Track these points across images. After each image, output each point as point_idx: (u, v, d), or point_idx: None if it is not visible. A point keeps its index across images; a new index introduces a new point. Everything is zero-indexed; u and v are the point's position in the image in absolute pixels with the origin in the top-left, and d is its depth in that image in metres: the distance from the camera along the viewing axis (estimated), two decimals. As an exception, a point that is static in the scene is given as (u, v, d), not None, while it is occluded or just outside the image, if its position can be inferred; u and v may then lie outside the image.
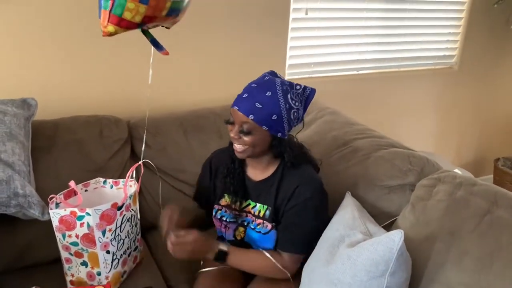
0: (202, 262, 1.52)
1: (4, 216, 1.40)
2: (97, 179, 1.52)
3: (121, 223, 1.37)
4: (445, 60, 2.95)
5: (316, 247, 1.33)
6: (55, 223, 1.32)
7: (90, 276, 1.37)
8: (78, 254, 1.34)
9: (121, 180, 1.52)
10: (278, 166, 1.37)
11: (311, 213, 1.32)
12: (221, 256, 1.32)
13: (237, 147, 1.30)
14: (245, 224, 1.42)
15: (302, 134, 1.90)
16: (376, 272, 1.10)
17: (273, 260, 1.32)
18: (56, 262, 1.54)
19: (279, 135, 1.28)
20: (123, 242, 1.40)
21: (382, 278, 1.11)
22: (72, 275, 1.39)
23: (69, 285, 1.41)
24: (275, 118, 1.24)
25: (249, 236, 1.41)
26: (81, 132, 1.73)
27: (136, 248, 1.50)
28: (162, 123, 1.91)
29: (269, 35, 2.27)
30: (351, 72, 2.65)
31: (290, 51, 2.38)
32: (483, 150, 3.42)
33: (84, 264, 1.36)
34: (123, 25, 1.07)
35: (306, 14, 2.33)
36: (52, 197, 1.35)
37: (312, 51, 2.48)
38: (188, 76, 2.15)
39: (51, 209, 1.32)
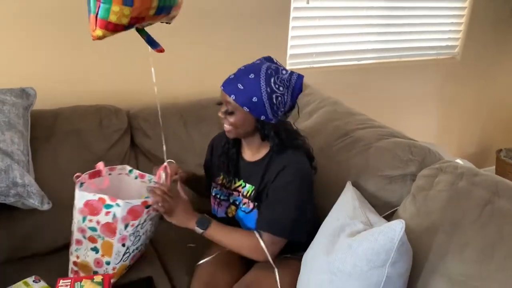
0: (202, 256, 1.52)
1: (3, 206, 1.39)
2: (123, 166, 1.53)
3: (144, 221, 1.37)
4: (448, 50, 2.93)
5: (316, 236, 1.33)
6: (79, 205, 1.31)
7: (98, 263, 1.36)
8: (92, 239, 1.34)
9: (147, 174, 1.52)
10: (269, 149, 1.39)
11: (291, 197, 1.31)
12: (203, 224, 1.33)
13: (224, 127, 1.36)
14: (237, 203, 1.44)
15: (303, 124, 1.90)
16: (377, 261, 1.10)
17: (257, 236, 1.31)
18: (56, 252, 1.55)
19: (262, 118, 1.29)
20: (140, 238, 1.40)
21: (383, 268, 1.10)
22: (77, 257, 1.38)
23: (71, 265, 1.40)
24: (255, 100, 1.26)
25: (238, 215, 1.44)
26: (81, 122, 1.73)
27: (146, 244, 1.50)
28: (162, 114, 1.89)
29: (270, 24, 2.25)
30: (352, 62, 2.63)
31: (291, 41, 2.36)
32: (485, 141, 3.40)
33: (95, 250, 1.35)
34: (110, 28, 1.07)
35: (308, 3, 2.31)
36: (78, 176, 1.35)
37: (314, 40, 2.46)
38: (187, 67, 2.14)
39: (77, 189, 1.32)
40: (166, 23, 1.30)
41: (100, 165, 1.42)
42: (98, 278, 1.26)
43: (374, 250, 1.10)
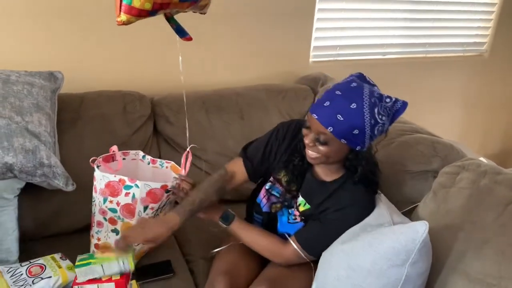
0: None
1: (30, 185, 1.43)
2: (137, 151, 1.54)
3: (164, 205, 1.39)
4: (475, 47, 2.86)
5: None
6: (100, 185, 1.34)
7: None
8: (113, 221, 1.36)
9: (158, 160, 1.54)
10: (342, 175, 1.30)
11: (340, 230, 1.27)
12: (227, 218, 1.34)
13: (310, 153, 1.24)
14: (286, 204, 1.38)
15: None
16: (397, 261, 1.09)
17: (291, 242, 1.32)
18: (79, 231, 1.59)
19: (358, 148, 1.19)
20: None
21: (403, 267, 1.10)
22: (99, 239, 1.41)
23: (93, 248, 1.44)
24: (357, 133, 1.15)
25: (280, 214, 1.41)
26: (106, 107, 1.75)
27: None
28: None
29: (294, 16, 2.23)
30: (377, 57, 2.60)
31: (316, 33, 2.34)
32: (510, 141, 3.33)
33: (115, 231, 1.38)
34: (134, 13, 1.07)
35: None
36: (94, 159, 1.38)
37: (338, 33, 2.44)
38: (213, 57, 2.14)
39: (96, 170, 1.35)
40: (200, 13, 1.30)
41: (114, 148, 1.44)
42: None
43: (395, 249, 1.09)
